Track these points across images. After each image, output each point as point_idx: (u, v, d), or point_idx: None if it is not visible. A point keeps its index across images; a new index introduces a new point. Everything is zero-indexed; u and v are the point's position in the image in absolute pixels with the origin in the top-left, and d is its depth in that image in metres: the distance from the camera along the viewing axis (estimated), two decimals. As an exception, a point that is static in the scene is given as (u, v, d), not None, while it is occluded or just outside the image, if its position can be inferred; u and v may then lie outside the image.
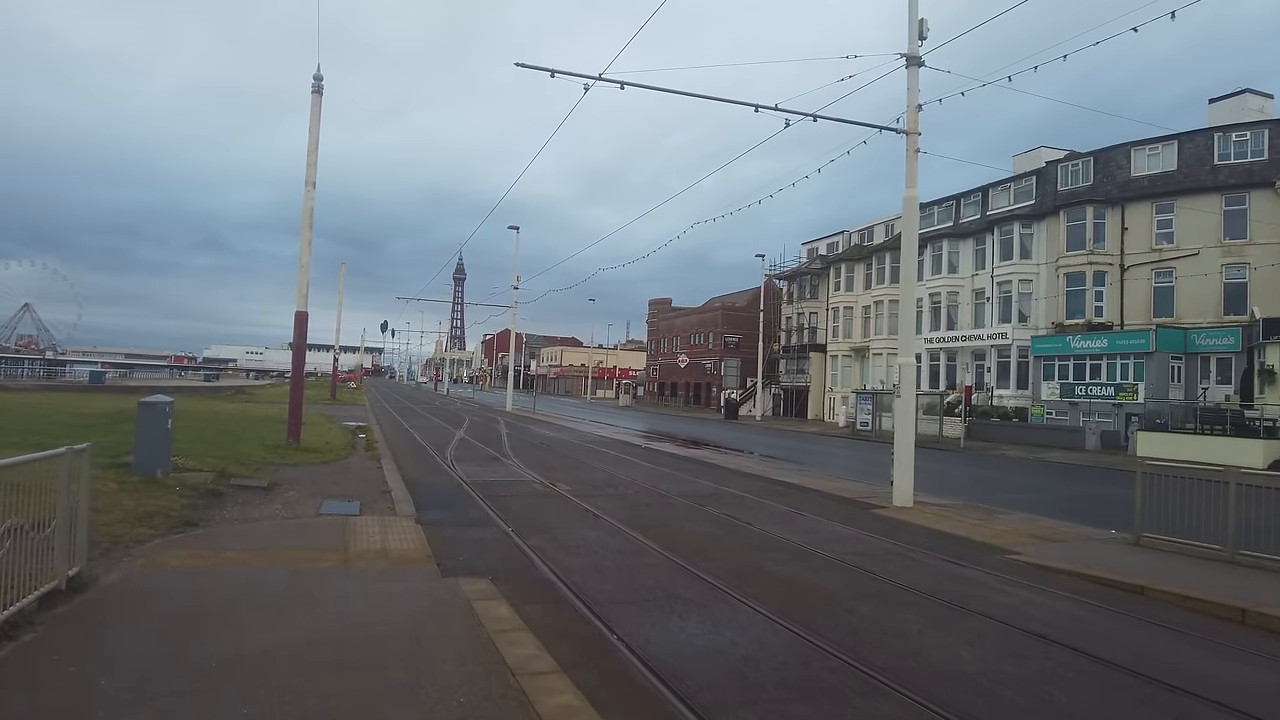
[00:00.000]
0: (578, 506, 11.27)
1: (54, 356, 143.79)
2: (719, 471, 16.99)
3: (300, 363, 15.85)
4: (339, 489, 11.37)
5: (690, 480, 15.17)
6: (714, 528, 10.16)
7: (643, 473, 16.09)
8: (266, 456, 14.06)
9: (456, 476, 14.10)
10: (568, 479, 14.41)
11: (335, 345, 50.81)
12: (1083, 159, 37.55)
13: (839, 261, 53.40)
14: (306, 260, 15.80)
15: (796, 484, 14.92)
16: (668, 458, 20.05)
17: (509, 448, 20.45)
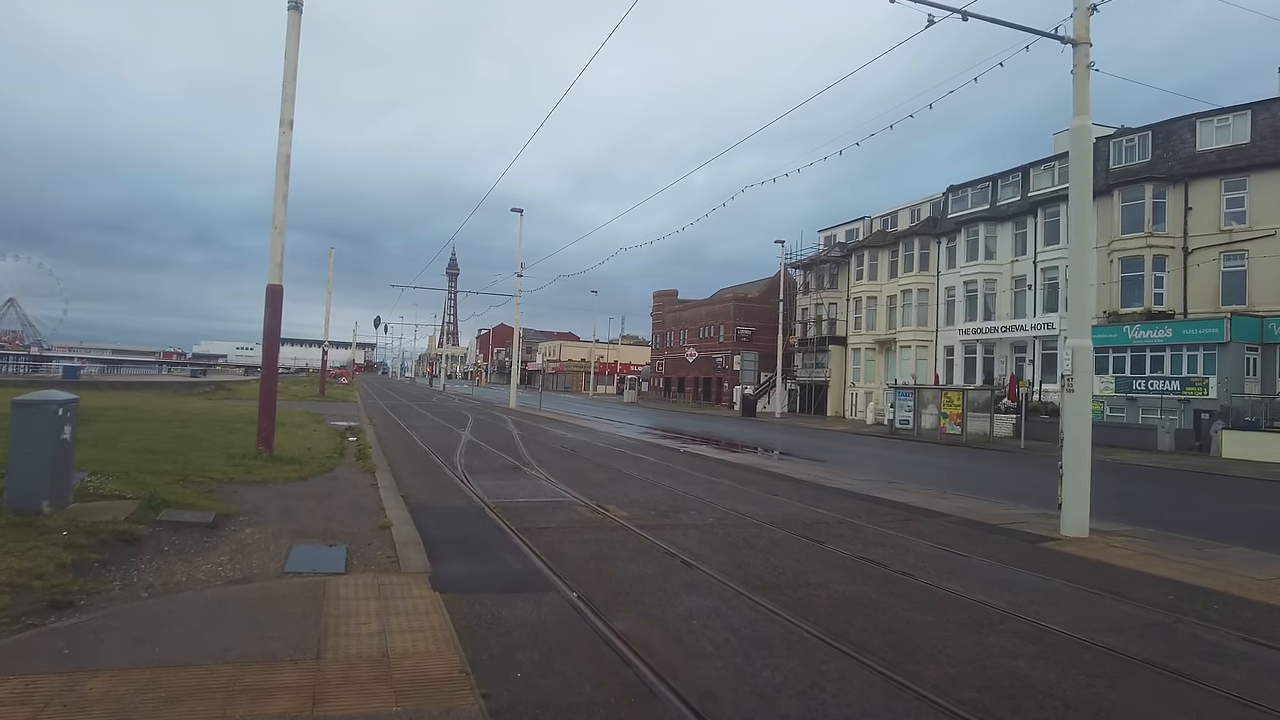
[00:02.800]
0: (654, 547, 8.05)
1: (39, 352, 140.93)
2: (796, 485, 13.82)
3: (273, 350, 12.61)
4: (318, 521, 8.13)
5: (770, 499, 11.99)
6: (868, 585, 6.97)
7: (703, 487, 12.90)
8: (227, 471, 10.80)
9: (474, 496, 10.86)
10: (617, 498, 11.21)
11: (325, 338, 47.29)
12: (1139, 133, 34.52)
13: (861, 249, 50.28)
14: (282, 220, 12.54)
15: (911, 504, 11.75)
16: (718, 465, 16.87)
17: (528, 453, 17.22)
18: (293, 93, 12.67)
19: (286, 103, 12.59)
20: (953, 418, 31.18)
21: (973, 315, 41.66)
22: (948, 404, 31.50)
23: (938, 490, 13.73)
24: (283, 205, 12.63)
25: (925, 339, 44.97)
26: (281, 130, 12.62)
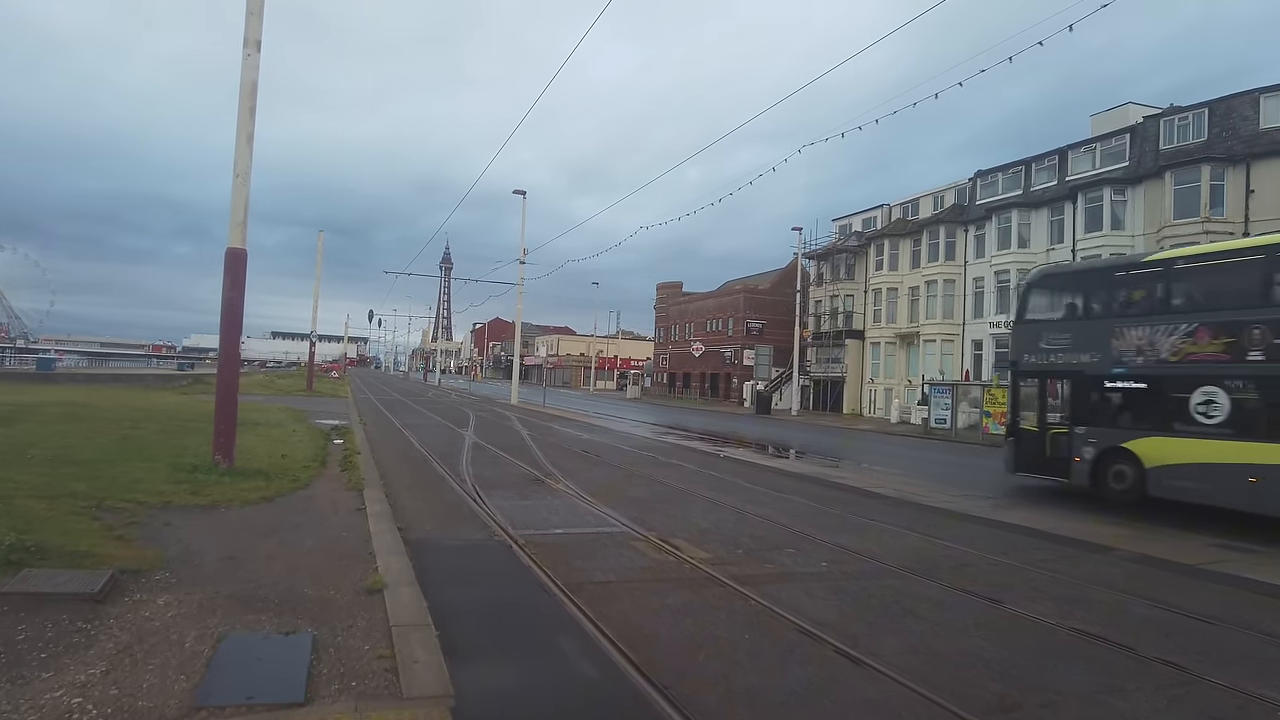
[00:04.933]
0: (777, 621, 5.41)
1: (25, 345, 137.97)
2: (883, 503, 11.21)
3: (234, 330, 9.86)
4: (275, 577, 5.45)
5: (870, 524, 9.37)
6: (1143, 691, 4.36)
7: (776, 507, 10.27)
8: (164, 491, 8.10)
9: (495, 525, 8.18)
10: (680, 526, 8.56)
11: (312, 327, 44.28)
12: (1194, 111, 31.98)
13: (881, 238, 47.63)
14: (245, 166, 9.80)
15: (1054, 533, 9.15)
16: (773, 475, 14.23)
17: (546, 459, 14.54)
18: (260, 6, 9.93)
19: (252, 18, 9.85)
20: (997, 417, 28.63)
21: (1005, 308, 39.03)
22: (991, 401, 28.97)
23: (1065, 512, 11.11)
24: (247, 147, 9.88)
25: (951, 332, 42.44)
26: (246, 52, 9.86)
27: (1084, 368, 12.51)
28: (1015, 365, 14.08)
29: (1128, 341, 11.92)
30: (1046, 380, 13.36)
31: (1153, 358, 11.53)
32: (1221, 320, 10.81)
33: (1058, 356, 13.03)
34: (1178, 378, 11.12)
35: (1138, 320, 11.93)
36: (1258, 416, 10.23)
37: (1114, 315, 12.44)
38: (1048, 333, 13.40)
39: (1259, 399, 10.30)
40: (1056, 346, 13.12)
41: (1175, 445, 11.07)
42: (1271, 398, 10.15)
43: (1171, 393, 11.23)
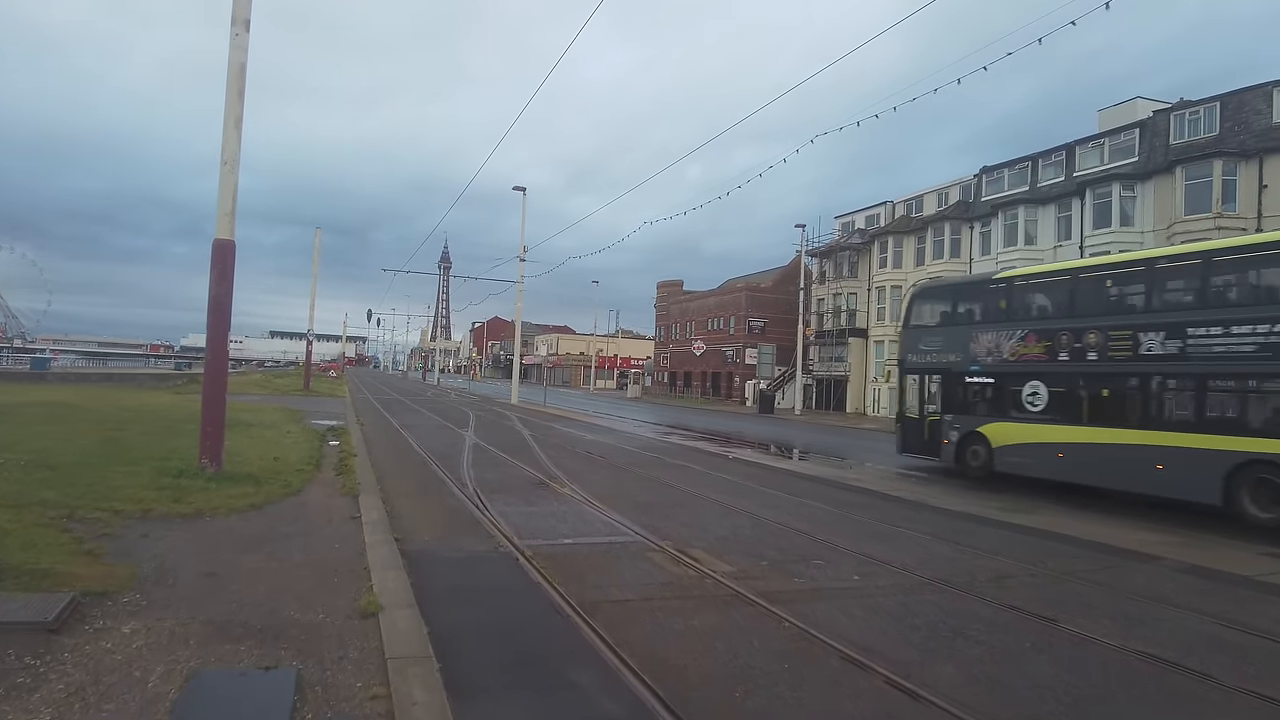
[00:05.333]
0: (818, 647, 4.86)
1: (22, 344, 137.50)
2: (902, 507, 10.67)
3: (222, 326, 9.27)
4: (258, 599, 4.91)
5: (895, 532, 8.83)
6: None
7: (793, 513, 9.74)
8: (145, 498, 7.55)
9: (499, 534, 7.64)
10: (696, 534, 8.03)
11: (309, 325, 43.63)
12: (1205, 105, 31.48)
13: (885, 235, 47.12)
14: (234, 153, 9.24)
15: (1092, 539, 8.61)
16: (785, 477, 13.71)
17: (549, 460, 13.99)
18: (249, -17, 9.37)
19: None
20: None
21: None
22: (1000, 401, 28.43)
23: (1091, 515, 10.57)
24: (235, 133, 9.32)
25: (957, 331, 41.92)
26: (234, 32, 9.31)
27: (951, 366, 14.94)
28: (901, 364, 16.48)
29: (981, 345, 14.29)
30: (924, 376, 15.72)
31: (998, 358, 13.96)
32: (1042, 327, 13.32)
33: (932, 357, 15.47)
34: (1014, 374, 13.62)
35: (988, 327, 14.30)
36: (1066, 405, 12.74)
37: (972, 323, 14.75)
38: (925, 337, 15.81)
39: (1066, 391, 12.77)
40: (931, 348, 15.56)
41: (1013, 429, 13.52)
42: (1074, 390, 12.64)
43: (1010, 386, 13.68)
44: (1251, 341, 10.33)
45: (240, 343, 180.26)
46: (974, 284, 16.80)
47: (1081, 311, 12.77)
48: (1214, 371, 10.79)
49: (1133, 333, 11.79)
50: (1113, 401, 12.11)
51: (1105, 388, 12.23)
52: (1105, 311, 12.49)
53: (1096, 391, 12.35)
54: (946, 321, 15.60)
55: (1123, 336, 11.93)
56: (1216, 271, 11.31)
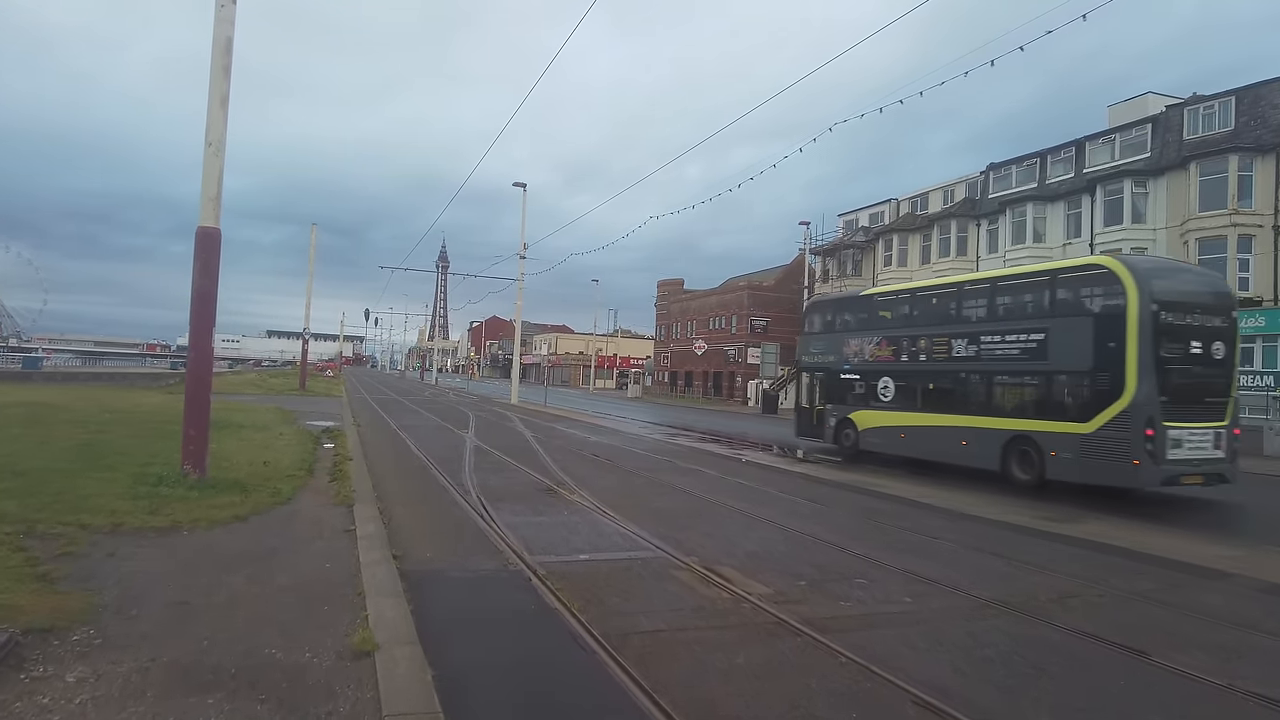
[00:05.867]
0: (892, 695, 4.17)
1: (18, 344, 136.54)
2: (937, 517, 9.99)
3: (206, 319, 8.55)
4: (233, 635, 4.21)
5: (935, 545, 8.15)
6: None
7: (822, 523, 9.06)
8: (118, 509, 6.85)
9: (508, 549, 6.95)
10: (722, 549, 7.35)
11: (305, 324, 42.82)
12: (1220, 99, 30.86)
13: (889, 232, 46.49)
14: (219, 135, 8.54)
15: (1147, 554, 7.92)
16: (802, 482, 13.02)
17: (555, 464, 13.30)
18: (235, -50, 8.67)
19: (225, -36, 8.59)
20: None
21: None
22: (1012, 401, 27.82)
23: (1138, 524, 9.89)
24: (220, 112, 8.61)
25: (963, 330, 41.30)
26: (219, 3, 8.61)
27: (830, 365, 18.14)
28: (798, 364, 20.29)
29: (850, 349, 17.48)
30: (813, 374, 19.07)
31: (862, 359, 17.09)
32: (890, 335, 16.43)
33: (818, 358, 18.82)
34: (872, 372, 16.69)
35: (855, 335, 17.50)
36: (905, 396, 15.79)
37: (845, 331, 17.96)
38: (814, 342, 19.21)
39: (906, 385, 15.82)
40: (818, 351, 18.94)
41: (872, 415, 16.59)
42: (910, 384, 15.69)
43: (870, 382, 16.71)
44: (1017, 347, 13.41)
45: (237, 342, 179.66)
46: (847, 299, 20.09)
47: (915, 323, 15.99)
48: (995, 369, 13.85)
49: (947, 340, 14.89)
50: (935, 393, 15.16)
51: (930, 382, 15.32)
52: (930, 323, 15.58)
53: (925, 385, 15.43)
54: (827, 330, 18.88)
55: (941, 342, 15.03)
56: (998, 294, 14.26)
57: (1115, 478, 11.63)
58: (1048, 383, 12.88)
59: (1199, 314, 12.05)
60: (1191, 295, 12.30)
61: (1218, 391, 11.88)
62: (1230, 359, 12.20)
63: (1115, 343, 11.72)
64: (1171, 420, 11.24)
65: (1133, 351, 11.47)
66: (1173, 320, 11.76)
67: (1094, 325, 12.18)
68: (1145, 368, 11.35)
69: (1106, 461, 11.67)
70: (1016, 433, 13.05)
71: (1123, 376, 11.51)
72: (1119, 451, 11.44)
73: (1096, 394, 11.92)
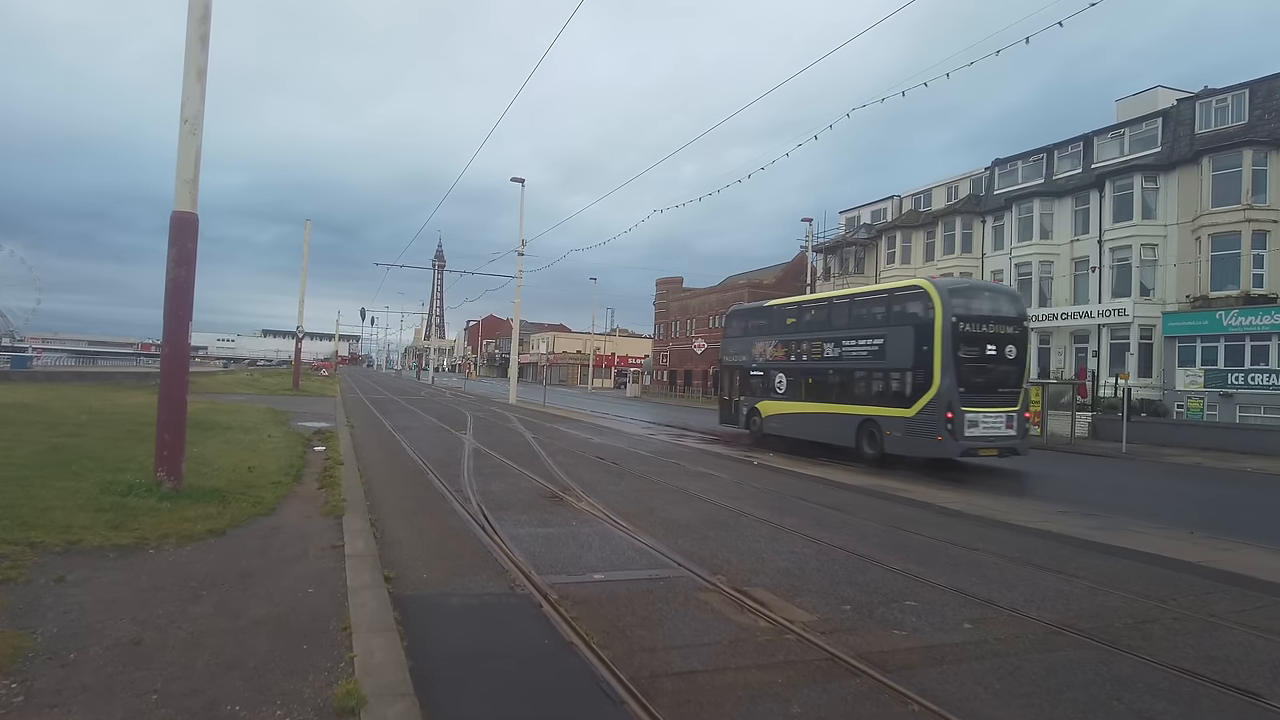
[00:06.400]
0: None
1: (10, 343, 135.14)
2: (972, 526, 9.29)
3: (182, 311, 7.78)
4: (190, 683, 3.50)
5: (975, 556, 7.45)
6: None
7: (850, 534, 8.37)
8: (75, 523, 6.13)
9: (514, 567, 6.23)
10: (750, 565, 6.65)
11: (299, 322, 42.01)
12: (1232, 93, 30.27)
13: (892, 229, 45.85)
14: (196, 110, 7.78)
15: (1213, 569, 7.23)
16: (823, 487, 12.32)
17: (559, 468, 12.59)
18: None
19: (202, -76, 7.84)
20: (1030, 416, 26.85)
21: (1026, 301, 37.35)
22: (1022, 400, 27.19)
23: (1178, 530, 9.21)
24: (197, 86, 7.87)
25: (969, 328, 40.63)
26: (197, -35, 7.87)
27: (744, 364, 21.33)
28: (720, 361, 23.48)
29: (757, 350, 20.75)
30: (731, 371, 22.19)
31: (765, 359, 20.36)
32: (782, 339, 19.67)
33: (735, 358, 21.99)
34: (771, 369, 19.95)
35: (759, 338, 20.76)
36: (793, 388, 19.00)
37: (754, 335, 21.16)
38: (732, 344, 22.48)
39: (793, 380, 19.05)
40: (734, 351, 22.14)
41: (771, 405, 19.79)
42: (796, 379, 18.93)
43: (770, 377, 19.98)
44: (865, 349, 16.54)
45: (232, 341, 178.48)
46: (756, 309, 22.64)
47: (800, 330, 19.20)
48: (851, 368, 16.93)
49: (820, 343, 18.02)
50: (813, 386, 18.26)
51: (810, 377, 18.40)
52: (810, 330, 18.80)
53: (806, 380, 18.54)
54: (742, 334, 21.97)
55: (816, 346, 18.17)
56: (854, 308, 17.60)
57: (929, 450, 14.74)
58: (885, 378, 16.00)
59: (993, 324, 14.94)
60: (986, 309, 15.20)
61: (1010, 383, 14.97)
62: (1021, 358, 15.30)
63: (927, 346, 14.62)
64: (969, 406, 14.31)
65: (938, 353, 14.39)
66: (970, 329, 14.64)
67: (914, 333, 15.11)
68: (947, 366, 14.33)
69: (923, 438, 14.74)
70: (865, 417, 16.23)
71: (932, 372, 14.47)
72: (930, 430, 14.51)
73: (916, 386, 14.91)
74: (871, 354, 16.34)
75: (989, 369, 14.77)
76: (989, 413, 14.54)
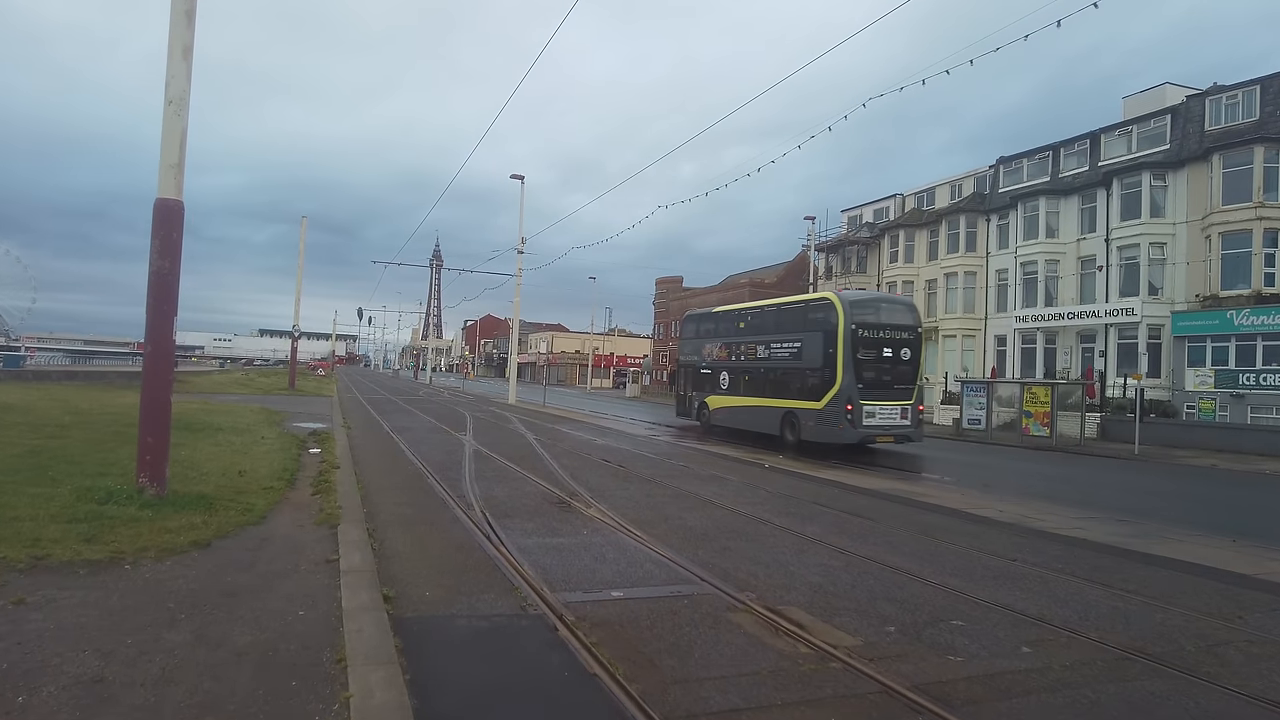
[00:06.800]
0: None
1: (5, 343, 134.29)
2: (1004, 534, 8.81)
3: (166, 311, 7.28)
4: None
5: (1013, 568, 6.96)
6: None
7: (880, 544, 7.88)
8: (47, 534, 5.61)
9: (524, 582, 5.72)
10: (782, 582, 6.15)
11: (295, 322, 41.41)
12: (1243, 89, 29.86)
13: (895, 228, 45.42)
14: (182, 89, 7.26)
15: (1270, 581, 6.77)
16: (838, 491, 11.83)
17: (564, 472, 12.08)
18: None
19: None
20: (1038, 417, 26.39)
21: (1031, 300, 36.95)
22: (1032, 401, 26.71)
23: (1218, 539, 8.73)
24: (183, 64, 7.35)
25: (972, 328, 40.25)
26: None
27: (696, 363, 23.92)
28: (679, 361, 26.50)
29: (706, 351, 23.32)
30: (686, 369, 25.01)
31: (712, 358, 22.82)
32: (724, 342, 22.22)
33: (690, 357, 24.60)
34: (716, 368, 22.46)
35: (707, 340, 23.39)
36: (733, 385, 21.48)
37: (703, 337, 23.77)
38: (687, 345, 25.07)
39: (733, 377, 21.49)
40: (688, 351, 24.90)
41: (717, 399, 22.27)
42: (735, 377, 21.41)
43: (716, 375, 22.41)
44: (787, 351, 19.16)
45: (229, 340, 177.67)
46: (706, 314, 25.06)
47: (739, 333, 21.72)
48: (777, 367, 19.51)
49: (753, 345, 20.68)
50: (748, 382, 20.77)
51: (746, 375, 20.96)
52: (746, 334, 21.27)
53: (744, 377, 21.06)
54: (694, 336, 24.59)
55: (750, 347, 20.78)
56: (780, 315, 20.36)
57: (834, 437, 17.21)
58: (802, 376, 18.43)
59: (889, 331, 17.38)
60: (883, 318, 17.67)
61: (905, 380, 17.44)
62: (915, 360, 17.74)
63: (832, 349, 17.12)
64: (866, 400, 16.77)
65: (841, 355, 16.85)
66: (868, 335, 17.06)
67: (823, 338, 17.53)
68: (848, 365, 16.81)
69: (829, 427, 17.19)
70: (787, 409, 18.75)
71: (836, 371, 16.96)
72: (835, 420, 16.97)
73: (824, 383, 17.29)
74: (792, 355, 19.00)
75: (885, 368, 17.17)
76: (885, 405, 17.03)
